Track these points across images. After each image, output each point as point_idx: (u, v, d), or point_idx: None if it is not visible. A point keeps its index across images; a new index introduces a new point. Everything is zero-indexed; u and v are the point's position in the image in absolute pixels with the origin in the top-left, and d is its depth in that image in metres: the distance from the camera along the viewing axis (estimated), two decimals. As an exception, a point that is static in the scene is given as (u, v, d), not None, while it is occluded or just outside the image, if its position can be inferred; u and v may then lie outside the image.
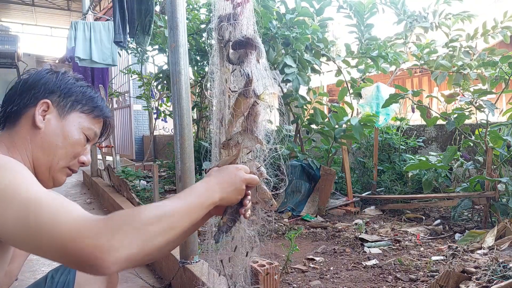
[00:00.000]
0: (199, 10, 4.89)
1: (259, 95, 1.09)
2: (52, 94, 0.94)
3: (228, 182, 0.90)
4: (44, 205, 0.69)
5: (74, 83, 0.98)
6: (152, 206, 0.74)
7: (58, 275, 1.10)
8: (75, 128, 0.96)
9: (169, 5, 1.87)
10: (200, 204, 0.81)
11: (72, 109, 0.96)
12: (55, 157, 0.94)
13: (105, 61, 4.81)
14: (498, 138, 2.78)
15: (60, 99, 0.95)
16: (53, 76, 0.96)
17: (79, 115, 0.97)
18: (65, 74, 0.99)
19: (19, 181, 0.73)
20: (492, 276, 1.64)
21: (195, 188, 0.85)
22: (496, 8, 6.57)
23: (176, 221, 0.75)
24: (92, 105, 0.99)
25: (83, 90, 0.99)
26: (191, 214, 0.79)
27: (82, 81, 1.02)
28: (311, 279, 2.06)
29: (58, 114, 0.94)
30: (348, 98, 3.99)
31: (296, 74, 3.55)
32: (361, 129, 3.40)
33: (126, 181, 4.03)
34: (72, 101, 0.96)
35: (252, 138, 1.11)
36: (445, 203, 3.18)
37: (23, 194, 0.71)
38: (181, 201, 0.79)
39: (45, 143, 0.92)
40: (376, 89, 3.83)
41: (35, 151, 0.92)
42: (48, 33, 15.62)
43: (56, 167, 0.95)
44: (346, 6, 4.02)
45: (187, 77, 1.91)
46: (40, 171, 0.94)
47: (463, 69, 3.98)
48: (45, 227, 0.67)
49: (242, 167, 0.96)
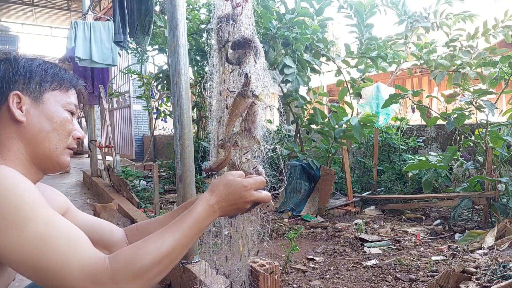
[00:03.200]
0: (199, 10, 4.89)
1: (257, 95, 1.09)
2: (16, 83, 0.89)
3: (230, 204, 0.89)
4: (54, 246, 0.72)
5: (31, 64, 0.92)
6: (152, 246, 0.78)
7: None
8: (56, 107, 0.93)
9: (169, 5, 1.87)
10: (200, 230, 0.85)
11: (43, 90, 0.92)
12: (51, 143, 0.91)
13: (105, 61, 4.81)
14: (498, 138, 2.78)
15: (27, 85, 0.90)
16: (7, 65, 0.90)
17: (52, 93, 0.93)
18: (17, 58, 0.93)
19: (27, 210, 0.73)
20: (492, 276, 1.64)
21: (195, 213, 0.85)
22: (497, 8, 6.57)
23: (176, 255, 0.81)
24: (59, 79, 0.95)
25: (43, 68, 0.93)
26: (191, 242, 0.84)
27: (36, 59, 0.96)
28: (311, 279, 2.06)
29: (33, 100, 0.90)
30: (348, 98, 3.99)
31: (295, 75, 3.55)
32: (361, 129, 3.40)
33: (126, 181, 4.03)
34: (39, 82, 0.91)
35: (250, 138, 1.11)
36: (445, 203, 3.18)
37: (32, 227, 0.72)
38: (180, 231, 0.82)
39: (34, 134, 0.89)
40: (376, 89, 3.83)
41: (28, 147, 0.89)
42: (48, 33, 15.61)
43: (56, 151, 0.92)
44: (347, 6, 4.02)
45: (187, 77, 1.91)
46: (42, 162, 0.92)
47: (462, 68, 3.98)
48: (53, 271, 0.72)
49: (251, 183, 0.90)
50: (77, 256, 0.73)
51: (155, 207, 2.97)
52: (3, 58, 0.92)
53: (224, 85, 1.16)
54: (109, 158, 6.57)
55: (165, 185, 4.81)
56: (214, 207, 0.87)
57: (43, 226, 0.73)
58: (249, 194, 0.89)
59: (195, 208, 0.86)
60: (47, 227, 0.74)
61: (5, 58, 0.91)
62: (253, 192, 0.90)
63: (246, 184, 0.90)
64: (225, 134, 1.15)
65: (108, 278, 0.73)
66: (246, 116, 1.10)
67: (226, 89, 1.15)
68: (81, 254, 0.74)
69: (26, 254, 0.71)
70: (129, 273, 0.74)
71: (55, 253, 0.72)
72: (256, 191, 0.91)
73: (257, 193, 0.91)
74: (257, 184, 0.92)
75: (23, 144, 0.89)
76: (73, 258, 0.73)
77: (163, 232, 0.81)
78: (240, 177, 0.91)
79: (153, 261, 0.77)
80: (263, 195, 0.92)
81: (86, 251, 0.75)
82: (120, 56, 5.65)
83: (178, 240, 0.81)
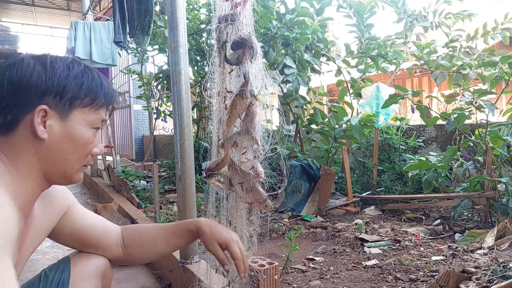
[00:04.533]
0: (199, 10, 4.89)
1: (256, 95, 1.09)
2: (46, 95, 0.83)
3: None
4: None
5: (67, 76, 0.85)
6: None
7: (52, 274, 1.07)
8: (82, 127, 0.87)
9: (169, 5, 1.87)
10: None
11: (73, 107, 0.86)
12: (67, 164, 0.87)
13: (105, 61, 4.81)
14: (498, 138, 2.78)
15: (57, 100, 0.84)
16: (41, 70, 0.83)
17: (82, 110, 0.87)
18: (54, 64, 0.85)
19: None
20: (492, 276, 1.64)
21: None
22: (497, 8, 6.57)
23: None
24: (93, 96, 0.88)
25: (79, 82, 0.86)
26: None
27: (74, 66, 0.88)
28: (311, 279, 2.06)
29: (59, 117, 0.84)
30: (348, 98, 3.99)
31: (295, 75, 3.55)
32: (361, 129, 3.40)
33: (126, 181, 4.03)
34: (70, 98, 0.85)
35: (249, 138, 1.11)
36: (445, 203, 3.18)
37: None
38: None
39: (53, 154, 0.85)
40: (376, 89, 3.83)
41: (42, 163, 0.85)
42: (48, 33, 15.61)
43: (72, 171, 0.89)
44: (346, 5, 4.02)
45: (187, 77, 1.91)
46: (54, 178, 0.89)
47: (463, 69, 3.98)
48: None
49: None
50: None
51: (155, 207, 2.97)
52: (39, 57, 0.85)
53: (223, 86, 1.16)
54: (109, 158, 6.57)
55: (165, 185, 4.81)
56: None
57: None
58: None
59: None
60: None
61: (42, 60, 0.85)
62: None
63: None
64: (224, 135, 1.15)
65: None
66: (245, 116, 1.11)
67: (225, 90, 1.15)
68: None
69: None
70: None
71: None
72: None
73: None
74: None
75: (39, 159, 0.85)
76: None
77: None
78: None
79: None
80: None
81: None
82: (120, 56, 5.65)
83: None
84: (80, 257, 1.12)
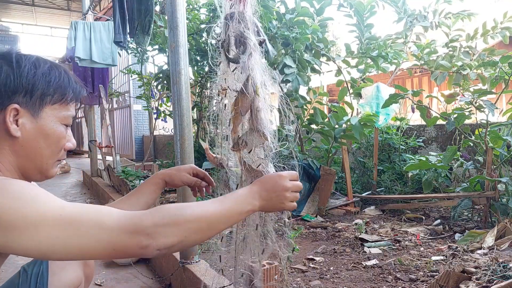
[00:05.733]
0: (199, 10, 4.89)
1: (255, 90, 1.09)
2: (16, 94, 0.84)
3: (268, 191, 0.94)
4: (84, 218, 0.74)
5: (34, 74, 0.86)
6: (194, 205, 0.83)
7: (30, 268, 1.08)
8: (53, 123, 0.90)
9: (169, 5, 1.87)
10: (239, 210, 0.89)
11: (43, 104, 0.87)
12: (42, 159, 0.90)
13: (105, 61, 4.81)
14: (498, 138, 2.78)
15: (27, 98, 0.85)
16: (9, 69, 0.84)
17: (52, 107, 0.89)
18: (20, 63, 0.86)
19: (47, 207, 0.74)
20: (492, 276, 1.64)
21: (236, 194, 0.92)
22: (497, 8, 6.57)
23: (214, 222, 0.84)
24: (61, 92, 0.90)
25: (47, 79, 0.88)
26: (229, 218, 0.87)
27: (41, 63, 0.89)
28: (311, 279, 2.06)
29: (31, 114, 0.86)
30: (348, 98, 3.99)
31: (295, 74, 3.55)
32: (361, 129, 3.40)
33: (126, 181, 4.03)
34: (40, 95, 0.87)
35: (258, 135, 1.12)
36: (445, 203, 3.18)
37: (57, 214, 0.73)
38: (221, 204, 0.86)
39: (27, 150, 0.87)
40: (376, 89, 3.83)
41: (19, 161, 0.87)
42: (48, 33, 15.61)
43: (47, 166, 0.92)
44: (347, 5, 4.02)
45: (187, 77, 1.91)
46: (31, 175, 0.91)
47: (463, 69, 3.98)
48: (94, 237, 0.73)
49: (287, 173, 0.99)
50: (111, 217, 0.76)
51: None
52: (5, 57, 0.86)
53: (226, 84, 1.16)
54: (109, 158, 6.57)
55: (165, 185, 4.81)
56: (254, 194, 0.93)
57: (70, 208, 0.75)
58: (286, 182, 0.96)
59: (236, 191, 0.93)
60: (64, 209, 0.75)
61: (8, 60, 0.86)
62: (290, 181, 0.97)
63: (284, 174, 0.98)
64: (233, 134, 1.16)
65: (149, 223, 0.75)
66: (250, 113, 1.11)
67: (224, 88, 1.15)
68: (114, 214, 0.76)
69: (61, 238, 0.72)
70: (169, 219, 0.77)
71: (89, 223, 0.74)
72: (291, 195, 0.97)
73: (293, 183, 0.98)
74: (291, 175, 0.99)
75: (14, 157, 0.87)
76: (108, 217, 0.75)
77: (204, 202, 0.86)
78: None
79: (193, 215, 0.80)
80: (293, 204, 0.99)
81: (113, 210, 0.78)
82: (120, 56, 5.65)
83: (218, 211, 0.85)
84: None
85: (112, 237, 0.74)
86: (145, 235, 0.75)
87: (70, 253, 0.74)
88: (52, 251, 0.73)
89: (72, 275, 1.10)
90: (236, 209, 0.88)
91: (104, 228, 0.74)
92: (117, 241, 0.74)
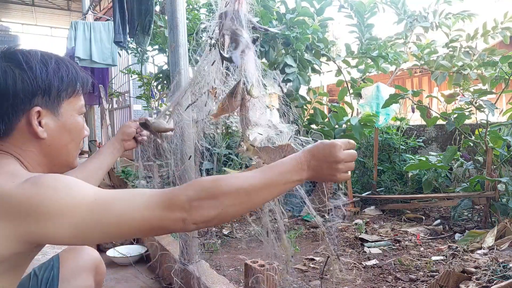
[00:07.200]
0: (199, 10, 4.89)
1: (249, 90, 1.09)
2: (35, 97, 0.84)
3: (320, 160, 0.85)
4: (118, 200, 0.75)
5: (47, 72, 0.86)
6: (231, 177, 0.79)
7: (41, 272, 1.08)
8: (73, 117, 0.92)
9: (169, 5, 1.87)
10: (284, 180, 0.82)
11: (60, 100, 0.89)
12: (69, 153, 0.93)
13: (105, 61, 4.81)
14: (498, 138, 2.78)
15: (46, 99, 0.86)
16: (22, 73, 0.83)
17: (68, 101, 0.91)
18: (30, 64, 0.84)
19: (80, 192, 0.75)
20: (492, 276, 1.64)
21: (282, 164, 0.84)
22: (497, 8, 6.56)
23: (254, 194, 0.79)
24: (73, 85, 0.92)
25: (58, 75, 0.88)
26: (272, 189, 0.81)
27: (47, 60, 0.88)
28: (311, 279, 2.06)
29: (52, 113, 0.88)
30: (348, 98, 3.99)
31: (296, 74, 3.55)
32: (361, 129, 3.40)
33: (126, 181, 4.03)
34: (56, 94, 0.88)
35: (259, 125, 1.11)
36: (445, 203, 3.18)
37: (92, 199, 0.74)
38: (263, 175, 0.81)
39: (54, 148, 0.89)
40: (376, 89, 3.83)
41: (47, 159, 0.89)
42: (48, 33, 15.60)
43: (72, 159, 0.95)
44: (347, 5, 4.02)
45: (187, 77, 1.91)
46: (57, 169, 0.93)
47: (463, 69, 3.98)
48: (129, 217, 0.74)
49: (341, 142, 0.87)
50: (143, 196, 0.76)
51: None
52: (11, 59, 0.84)
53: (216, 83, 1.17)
54: (109, 158, 6.56)
55: (165, 185, 4.81)
56: (303, 162, 0.84)
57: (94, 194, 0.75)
58: (340, 152, 0.85)
59: (282, 160, 0.85)
60: (98, 194, 0.76)
61: (16, 62, 0.84)
62: (344, 151, 0.86)
63: (338, 142, 0.86)
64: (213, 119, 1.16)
65: (183, 197, 0.74)
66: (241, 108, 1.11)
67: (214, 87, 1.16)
68: (144, 190, 0.77)
69: (97, 220, 0.73)
70: (205, 192, 0.75)
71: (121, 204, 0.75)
72: (343, 166, 0.87)
73: (347, 152, 0.87)
74: (346, 144, 0.88)
75: (42, 156, 0.89)
76: (139, 196, 0.76)
77: (244, 173, 0.83)
78: None
79: (230, 186, 0.77)
80: (353, 152, 0.88)
81: (146, 189, 0.79)
82: (120, 56, 5.65)
83: (257, 182, 0.79)
84: (69, 254, 1.13)
85: (147, 215, 0.74)
86: (180, 210, 0.74)
87: (107, 234, 0.75)
88: (89, 235, 0.74)
89: (83, 284, 1.10)
90: (280, 179, 0.81)
91: (139, 207, 0.74)
92: (153, 217, 0.74)
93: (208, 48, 1.18)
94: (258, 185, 0.79)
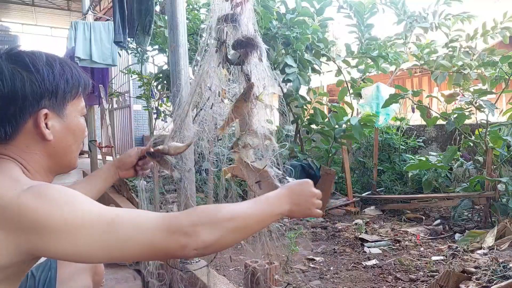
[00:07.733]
0: (199, 10, 4.89)
1: (258, 95, 1.09)
2: (42, 99, 0.84)
3: (299, 195, 0.96)
4: (122, 220, 0.75)
5: (53, 75, 0.86)
6: (230, 206, 0.85)
7: (38, 273, 1.08)
8: (76, 118, 0.93)
9: (169, 5, 1.87)
10: (270, 212, 0.89)
11: (65, 102, 0.90)
12: (72, 154, 0.94)
13: (105, 61, 4.81)
14: (498, 138, 2.78)
15: (53, 101, 0.86)
16: (30, 76, 0.82)
17: (72, 103, 0.91)
18: (36, 66, 0.84)
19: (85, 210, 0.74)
20: (492, 276, 1.64)
21: (267, 196, 0.92)
22: (496, 8, 6.56)
23: (249, 222, 0.84)
24: (77, 87, 0.92)
25: (64, 78, 0.88)
26: (262, 219, 0.88)
27: (51, 62, 0.87)
28: (311, 279, 2.06)
29: (57, 115, 0.88)
30: (348, 98, 3.99)
31: (296, 74, 3.55)
32: (361, 129, 3.40)
33: (126, 181, 4.03)
34: (62, 96, 0.88)
35: (259, 136, 1.12)
36: (445, 203, 3.18)
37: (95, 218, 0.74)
38: (255, 205, 0.88)
39: (59, 150, 0.90)
40: (376, 89, 3.83)
41: (50, 161, 0.89)
42: (48, 33, 15.60)
43: (74, 160, 0.96)
44: (347, 6, 4.02)
45: (187, 77, 1.91)
46: (59, 171, 0.94)
47: (463, 69, 3.98)
48: (132, 239, 0.74)
49: (311, 182, 1.00)
50: (149, 220, 0.76)
51: (155, 207, 2.96)
52: (17, 61, 0.83)
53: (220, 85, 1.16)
54: (109, 158, 6.56)
55: (165, 185, 4.81)
56: (285, 197, 0.93)
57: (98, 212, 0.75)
58: (312, 187, 0.98)
59: (267, 194, 0.94)
60: (102, 212, 0.75)
61: (22, 64, 0.83)
62: (316, 201, 0.98)
63: (307, 180, 0.99)
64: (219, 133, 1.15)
65: (186, 222, 0.76)
66: (249, 116, 1.11)
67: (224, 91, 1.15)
68: (152, 217, 0.77)
69: (100, 240, 0.73)
70: (207, 218, 0.78)
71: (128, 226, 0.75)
72: (317, 202, 0.99)
73: (318, 204, 0.99)
74: (321, 196, 1.01)
75: (46, 158, 0.89)
76: (145, 219, 0.76)
77: (239, 203, 0.89)
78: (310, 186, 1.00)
79: (229, 214, 0.81)
80: (319, 211, 1.00)
81: (151, 213, 0.79)
82: (120, 56, 5.65)
83: (251, 211, 0.85)
84: None
85: (151, 238, 0.74)
86: (183, 235, 0.75)
87: (109, 255, 0.74)
88: (90, 253, 0.73)
89: (81, 284, 1.10)
90: (268, 211, 0.89)
91: (142, 229, 0.74)
92: (156, 241, 0.74)
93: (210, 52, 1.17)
94: (252, 214, 0.85)
